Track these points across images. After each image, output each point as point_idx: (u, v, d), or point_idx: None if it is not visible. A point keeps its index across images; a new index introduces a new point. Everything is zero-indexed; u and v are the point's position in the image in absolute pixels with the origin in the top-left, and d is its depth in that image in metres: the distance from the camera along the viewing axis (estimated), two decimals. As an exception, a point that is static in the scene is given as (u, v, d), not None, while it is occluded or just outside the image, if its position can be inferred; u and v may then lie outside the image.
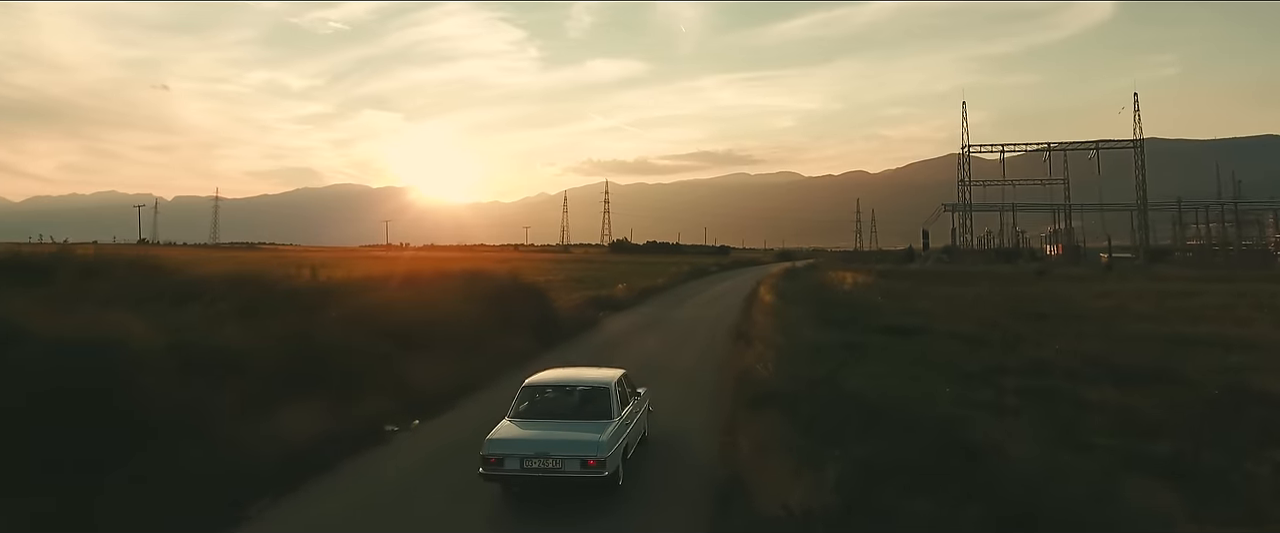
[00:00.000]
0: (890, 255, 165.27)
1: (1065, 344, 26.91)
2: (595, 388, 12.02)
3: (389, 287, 22.46)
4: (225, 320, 15.41)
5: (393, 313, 19.25)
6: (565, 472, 10.53)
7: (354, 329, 17.38)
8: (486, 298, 23.21)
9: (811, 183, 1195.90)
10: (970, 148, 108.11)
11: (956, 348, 26.42)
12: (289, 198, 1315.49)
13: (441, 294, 22.38)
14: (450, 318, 20.80)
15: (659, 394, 15.53)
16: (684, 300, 42.99)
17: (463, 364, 18.69)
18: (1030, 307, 40.73)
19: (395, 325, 18.48)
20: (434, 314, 20.36)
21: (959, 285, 57.44)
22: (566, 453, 10.54)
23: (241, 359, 13.70)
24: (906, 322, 32.79)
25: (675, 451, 13.61)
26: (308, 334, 15.83)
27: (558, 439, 10.78)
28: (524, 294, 25.34)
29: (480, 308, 22.43)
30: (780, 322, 28.95)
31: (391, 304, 20.01)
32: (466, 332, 20.77)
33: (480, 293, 23.21)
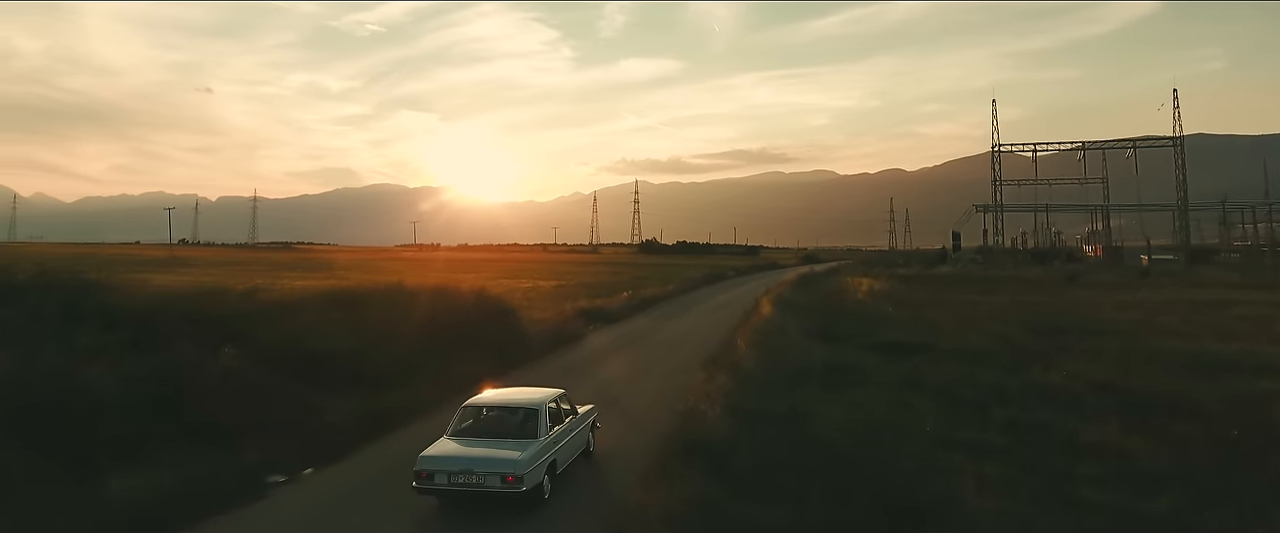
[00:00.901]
0: (923, 256, 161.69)
1: (1076, 366, 24.71)
2: (523, 409, 12.87)
3: (327, 307, 20.87)
4: (103, 355, 13.98)
5: (320, 338, 17.73)
6: (487, 487, 11.37)
7: (266, 360, 15.88)
8: (442, 318, 21.59)
9: (847, 181, 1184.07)
10: (1001, 147, 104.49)
11: (957, 369, 24.33)
12: (328, 198, 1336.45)
13: (391, 315, 20.81)
14: (392, 342, 19.24)
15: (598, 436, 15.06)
16: (684, 311, 41.19)
17: (395, 396, 17.12)
18: (1049, 319, 38.27)
19: (316, 354, 16.97)
20: (371, 339, 18.82)
21: (982, 292, 54.90)
22: (488, 470, 11.40)
23: (99, 404, 12.23)
24: (911, 337, 30.67)
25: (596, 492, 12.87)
26: (200, 369, 14.34)
27: (481, 457, 11.64)
28: (489, 313, 23.68)
29: (432, 330, 20.83)
30: (769, 341, 27.06)
31: (321, 327, 18.48)
32: (412, 357, 19.20)
33: (434, 313, 21.59)
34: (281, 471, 13.20)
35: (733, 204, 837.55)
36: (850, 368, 24.09)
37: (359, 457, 14.36)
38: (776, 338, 27.95)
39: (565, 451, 13.06)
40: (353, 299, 21.75)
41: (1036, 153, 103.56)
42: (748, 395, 17.70)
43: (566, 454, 13.12)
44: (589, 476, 13.74)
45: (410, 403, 17.21)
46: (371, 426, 15.43)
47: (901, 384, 22.01)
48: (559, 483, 12.63)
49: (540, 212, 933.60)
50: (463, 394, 18.71)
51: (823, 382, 21.86)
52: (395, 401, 16.86)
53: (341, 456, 14.20)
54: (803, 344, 27.58)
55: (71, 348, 14.54)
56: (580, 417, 14.20)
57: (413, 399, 17.45)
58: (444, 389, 18.53)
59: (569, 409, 13.77)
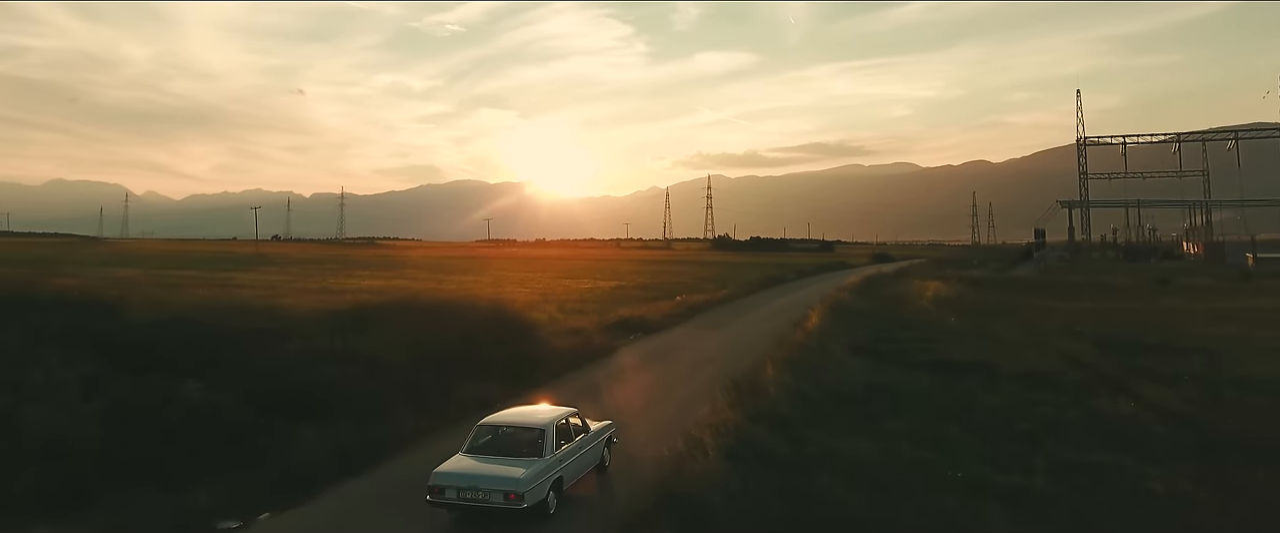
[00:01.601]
0: (1006, 253, 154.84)
1: (1152, 392, 22.13)
2: (530, 429, 13.38)
3: (327, 329, 19.98)
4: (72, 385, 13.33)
5: (310, 364, 16.85)
6: (491, 503, 12.07)
7: (246, 390, 15.05)
8: (451, 337, 20.53)
9: (928, 174, 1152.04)
10: (1088, 140, 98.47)
11: (1013, 395, 22.08)
12: (413, 194, 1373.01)
13: (394, 336, 19.82)
14: (390, 366, 18.26)
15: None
16: (731, 319, 39.45)
17: (381, 427, 16.09)
18: (1130, 332, 35.12)
19: (304, 382, 16.06)
20: (368, 362, 17.87)
21: (1060, 298, 51.35)
22: (492, 487, 12.09)
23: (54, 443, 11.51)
24: (968, 354, 28.33)
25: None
26: (164, 401, 13.56)
27: (487, 474, 12.31)
28: (503, 329, 22.52)
29: (438, 351, 19.79)
30: (807, 359, 25.23)
31: (312, 352, 17.59)
32: (411, 382, 18.20)
33: (442, 331, 20.54)
34: (236, 515, 12.30)
35: (810, 198, 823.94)
36: (892, 392, 22.12)
37: (325, 499, 13.34)
38: (816, 355, 26.09)
39: (574, 467, 13.71)
40: (357, 318, 20.81)
41: (1126, 145, 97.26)
42: (761, 431, 16.08)
43: (575, 471, 13.77)
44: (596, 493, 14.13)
45: (397, 434, 16.17)
46: (346, 462, 14.39)
47: (945, 413, 19.98)
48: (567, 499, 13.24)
49: (617, 206, 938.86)
50: (457, 425, 17.70)
51: (857, 409, 20.04)
52: (379, 433, 15.83)
53: (306, 497, 13.20)
54: (844, 363, 25.67)
55: (47, 378, 13.99)
56: (594, 433, 14.76)
57: (400, 430, 16.42)
58: (437, 418, 17.49)
59: (581, 427, 14.37)
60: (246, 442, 13.90)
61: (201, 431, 13.47)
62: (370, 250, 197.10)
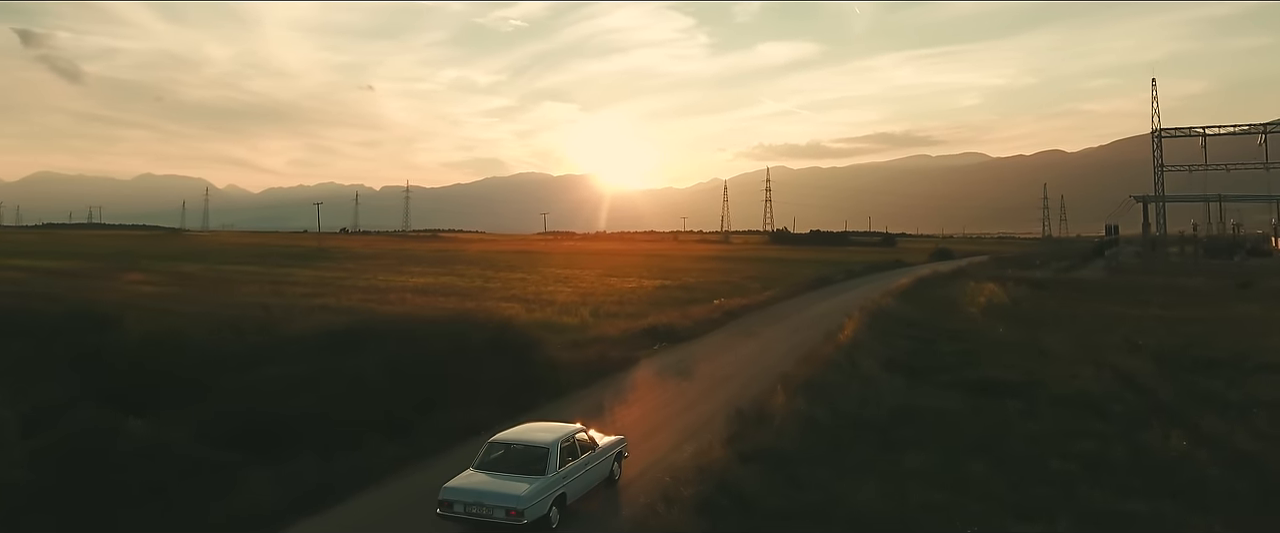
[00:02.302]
0: (1078, 247, 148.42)
1: (1214, 425, 19.88)
2: (536, 447, 13.80)
3: (314, 350, 19.12)
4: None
5: (284, 393, 15.99)
6: (494, 518, 12.60)
7: (207, 423, 14.27)
8: (445, 358, 19.51)
9: (999, 164, 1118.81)
10: (1163, 131, 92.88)
11: (1054, 424, 20.12)
12: (478, 187, 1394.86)
13: (381, 358, 18.86)
14: (376, 391, 17.32)
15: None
16: (765, 326, 37.77)
17: (348, 462, 15.14)
18: (1201, 345, 32.34)
19: (272, 413, 15.21)
20: (347, 388, 16.97)
21: (1127, 302, 48.15)
22: (495, 503, 12.62)
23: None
24: (1013, 371, 26.27)
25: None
26: (111, 437, 12.83)
27: (490, 491, 12.85)
28: (503, 348, 21.36)
29: (428, 374, 18.81)
30: (833, 378, 23.60)
31: (283, 380, 16.70)
32: (395, 409, 17.25)
33: (434, 352, 19.52)
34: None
35: (874, 190, 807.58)
36: (920, 418, 20.38)
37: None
38: (844, 373, 24.40)
39: (579, 483, 14.14)
40: (344, 340, 19.90)
41: (1206, 136, 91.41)
42: (751, 473, 14.63)
43: (581, 486, 14.21)
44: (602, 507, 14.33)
45: (370, 467, 15.23)
46: (298, 505, 13.47)
47: (974, 446, 18.21)
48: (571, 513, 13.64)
49: (678, 198, 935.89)
50: (438, 455, 16.70)
51: (876, 439, 18.42)
52: (349, 466, 14.90)
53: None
54: (874, 381, 23.91)
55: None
56: (601, 450, 15.09)
57: (376, 461, 15.49)
58: (417, 448, 16.52)
59: (588, 443, 14.74)
60: (196, 480, 13.09)
61: (148, 469, 12.69)
62: (430, 244, 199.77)
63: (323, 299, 50.38)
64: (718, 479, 13.95)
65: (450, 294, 54.77)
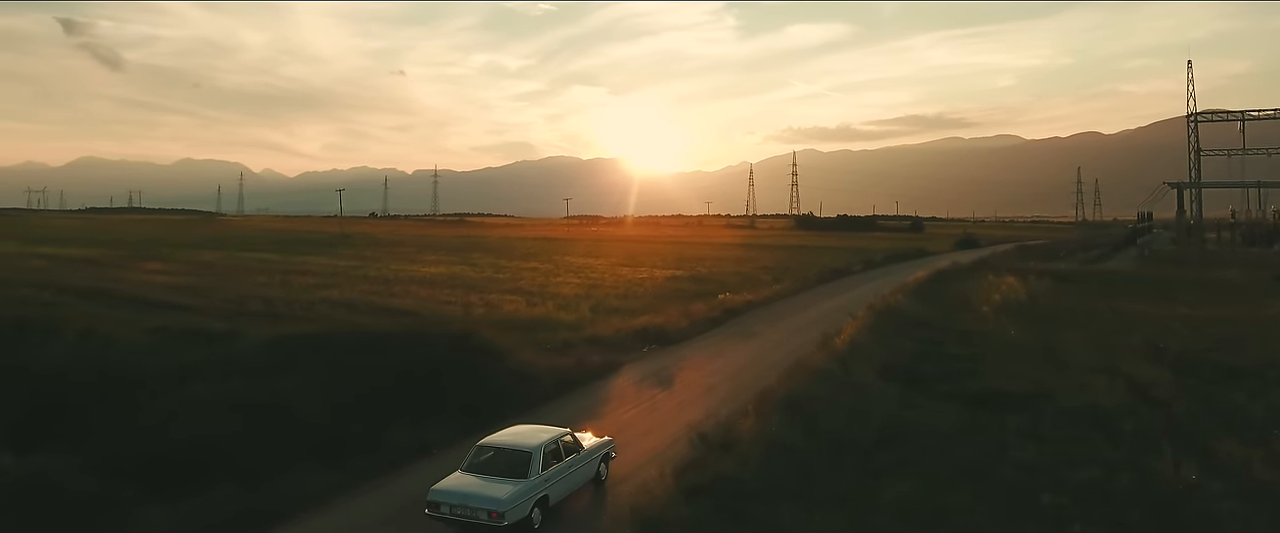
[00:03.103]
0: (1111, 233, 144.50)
1: (1231, 449, 18.13)
2: (520, 451, 14.22)
3: (241, 366, 17.97)
4: None
5: (201, 415, 14.87)
6: (477, 519, 13.10)
7: (111, 452, 13.21)
8: (396, 371, 18.30)
9: (1033, 147, 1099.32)
10: (1199, 115, 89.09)
11: (1056, 445, 18.52)
12: (508, 170, 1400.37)
13: (323, 374, 17.67)
14: (314, 411, 16.20)
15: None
16: (766, 326, 36.22)
17: (281, 489, 14.05)
18: (1228, 349, 30.35)
19: (188, 438, 14.11)
20: (280, 408, 15.84)
21: (1153, 298, 45.87)
22: (478, 505, 13.10)
23: None
24: (1020, 380, 24.59)
25: None
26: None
27: (474, 493, 13.33)
28: (464, 362, 19.99)
29: (376, 388, 17.65)
30: (823, 390, 22.13)
31: (209, 401, 15.56)
32: (334, 428, 16.13)
33: (384, 366, 18.31)
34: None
35: (906, 173, 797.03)
36: (910, 437, 18.90)
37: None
38: (834, 384, 22.91)
39: (564, 485, 14.65)
40: (302, 348, 18.72)
41: (1244, 120, 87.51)
42: (698, 513, 13.29)
43: (565, 488, 14.72)
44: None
45: (295, 498, 14.11)
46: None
47: (965, 471, 16.72)
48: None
49: (708, 182, 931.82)
50: (380, 481, 15.58)
51: (856, 465, 16.96)
52: (271, 498, 13.78)
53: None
54: (866, 393, 22.40)
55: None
56: (587, 452, 15.55)
57: (308, 490, 14.37)
58: (356, 473, 15.41)
59: (573, 446, 15.18)
60: (78, 520, 12.01)
61: (21, 510, 11.62)
62: (455, 229, 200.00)
63: (327, 291, 49.81)
64: (650, 523, 12.63)
65: (457, 286, 54.02)
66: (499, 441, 14.72)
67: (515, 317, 39.74)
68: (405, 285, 54.34)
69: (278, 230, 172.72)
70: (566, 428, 15.64)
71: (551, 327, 35.98)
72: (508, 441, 14.68)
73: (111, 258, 78.38)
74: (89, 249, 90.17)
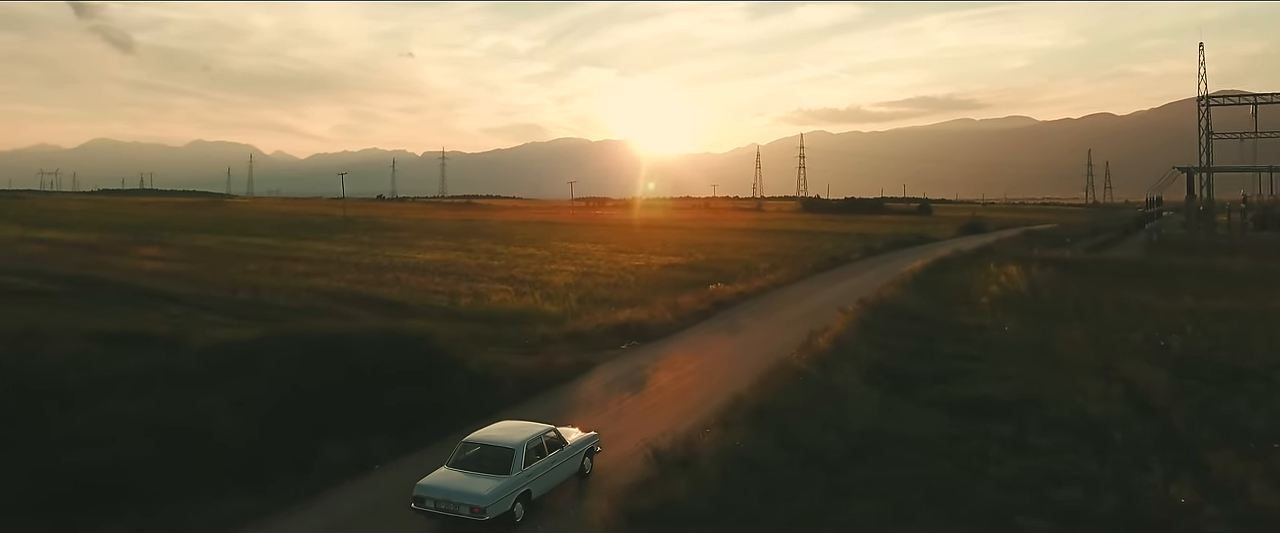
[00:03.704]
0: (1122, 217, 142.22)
1: (1227, 465, 16.95)
2: (503, 448, 14.55)
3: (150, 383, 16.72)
4: None
5: (95, 441, 13.69)
6: (460, 514, 13.49)
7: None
8: (330, 381, 17.13)
9: (1045, 128, 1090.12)
10: (1210, 99, 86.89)
11: (1039, 461, 17.39)
12: (518, 152, 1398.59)
13: (249, 387, 16.50)
14: (222, 430, 15.09)
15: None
16: (754, 321, 35.04)
17: (190, 518, 13.05)
18: (1231, 348, 29.07)
19: (89, 461, 13.08)
20: (199, 426, 14.80)
21: (1159, 290, 44.40)
22: (460, 501, 13.51)
23: None
24: (1010, 385, 23.42)
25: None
26: None
27: (457, 489, 13.67)
28: (416, 369, 18.81)
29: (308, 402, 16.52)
30: (799, 396, 21.06)
31: (110, 421, 14.35)
32: (253, 447, 15.03)
33: (332, 371, 17.25)
34: None
35: (915, 155, 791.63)
36: (888, 450, 17.80)
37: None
38: (814, 389, 21.83)
39: (547, 480, 15.07)
40: (244, 357, 17.59)
41: (1257, 103, 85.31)
42: None
43: (548, 482, 15.13)
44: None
45: (209, 525, 13.14)
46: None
47: (937, 492, 15.64)
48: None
49: (717, 164, 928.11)
50: (306, 502, 14.50)
51: (822, 484, 15.89)
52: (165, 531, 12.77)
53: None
54: (846, 398, 21.32)
55: None
56: (571, 447, 15.93)
57: (219, 516, 13.39)
58: (281, 494, 14.42)
59: (557, 441, 15.57)
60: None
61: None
62: (460, 212, 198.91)
63: (317, 280, 49.04)
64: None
65: (449, 274, 53.20)
66: (483, 437, 15.05)
67: (501, 308, 38.82)
68: (397, 273, 53.54)
69: (283, 214, 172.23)
70: (550, 424, 15.95)
71: (534, 319, 35.02)
72: (492, 437, 15.00)
73: (111, 243, 77.98)
74: (91, 234, 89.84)
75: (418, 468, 16.59)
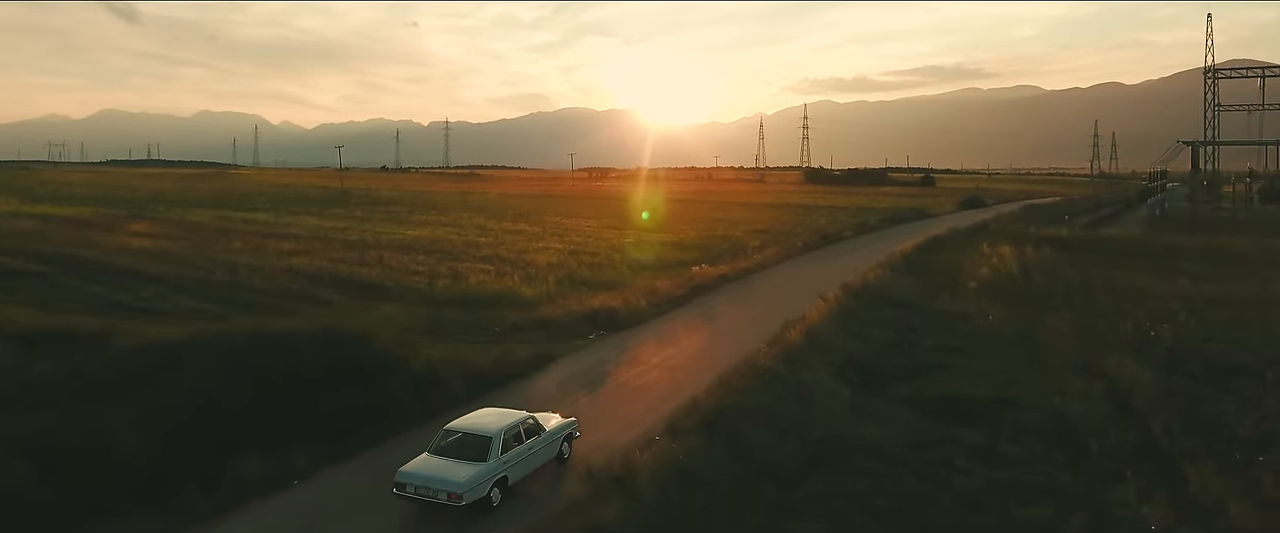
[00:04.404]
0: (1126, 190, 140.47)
1: (1207, 479, 15.86)
2: (481, 435, 15.04)
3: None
4: None
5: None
6: (438, 500, 14.10)
7: None
8: (260, 392, 16.04)
9: (1053, 97, 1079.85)
10: (1217, 72, 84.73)
11: (1007, 473, 16.34)
12: (523, 122, 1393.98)
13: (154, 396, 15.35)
14: (134, 445, 14.03)
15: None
16: (732, 307, 33.89)
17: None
18: (1225, 339, 27.91)
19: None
20: (96, 440, 13.72)
21: (1156, 271, 43.15)
22: (438, 487, 14.12)
23: None
24: (987, 382, 22.34)
25: None
26: None
27: (437, 475, 14.29)
28: (350, 373, 17.59)
29: (220, 412, 15.43)
30: (763, 394, 20.01)
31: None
32: (151, 466, 13.98)
33: (254, 376, 16.16)
34: None
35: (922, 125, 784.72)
36: (849, 459, 16.75)
37: None
38: (780, 387, 20.78)
39: (523, 466, 15.53)
40: (143, 366, 16.50)
41: (1264, 76, 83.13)
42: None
43: (525, 468, 15.61)
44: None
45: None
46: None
47: (892, 511, 14.61)
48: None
49: (723, 134, 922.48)
50: (207, 526, 13.52)
51: (775, 500, 14.88)
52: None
53: None
54: (812, 398, 20.29)
55: None
56: (549, 434, 16.44)
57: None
58: (185, 515, 13.39)
59: (535, 428, 16.08)
60: None
61: None
62: (459, 184, 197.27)
63: (298, 259, 48.19)
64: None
65: (434, 252, 52.27)
66: (463, 425, 15.50)
67: (477, 291, 37.88)
68: (381, 251, 52.59)
69: (282, 186, 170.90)
70: (526, 412, 16.36)
71: (508, 303, 34.08)
72: (470, 425, 15.47)
73: (103, 219, 77.26)
74: (86, 209, 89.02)
75: (345, 480, 15.69)
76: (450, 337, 28.09)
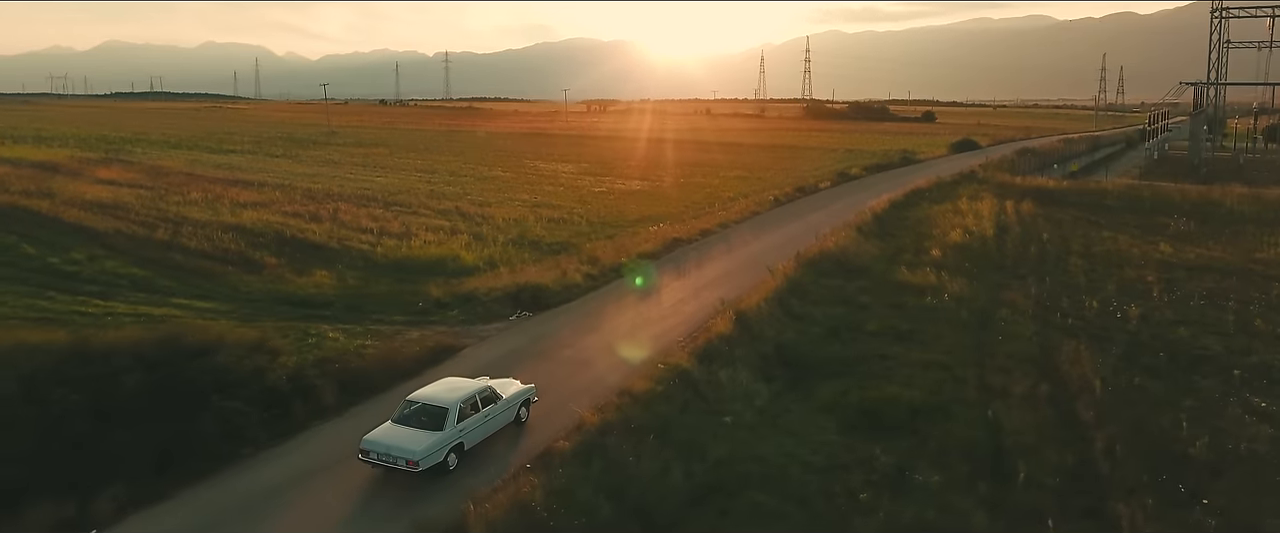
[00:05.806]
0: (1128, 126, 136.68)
1: (1142, 523, 13.91)
2: (439, 406, 16.02)
3: None
4: None
5: None
6: (398, 466, 15.11)
7: None
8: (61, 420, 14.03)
9: (1065, 28, 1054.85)
10: (1225, 9, 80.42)
11: (926, 504, 14.41)
12: (529, 52, 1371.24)
13: None
14: None
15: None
16: (678, 277, 31.55)
17: None
18: (1199, 320, 25.76)
19: None
20: None
21: (1139, 230, 40.89)
22: (397, 454, 15.12)
23: None
24: (922, 382, 20.27)
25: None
26: None
27: (394, 444, 15.28)
28: (190, 386, 15.42)
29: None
30: (663, 406, 18.02)
31: None
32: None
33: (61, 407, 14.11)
34: None
35: (930, 58, 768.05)
36: (746, 489, 14.79)
37: None
38: (690, 393, 18.78)
39: (480, 431, 16.52)
40: None
41: (1275, 15, 78.93)
42: None
43: (481, 434, 16.58)
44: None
45: None
46: None
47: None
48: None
49: (731, 64, 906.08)
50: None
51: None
52: None
53: None
54: (728, 403, 18.34)
55: None
56: (506, 400, 17.35)
57: None
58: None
59: (492, 397, 16.97)
60: None
61: None
62: (452, 120, 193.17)
63: (250, 213, 46.22)
64: None
65: (393, 205, 50.04)
66: (422, 396, 16.34)
67: (419, 255, 35.88)
68: (339, 204, 50.36)
69: (273, 123, 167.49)
70: (486, 381, 17.43)
71: (445, 271, 32.18)
72: (429, 396, 16.29)
73: (73, 163, 74.61)
74: (63, 151, 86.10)
75: (157, 525, 13.83)
76: (367, 315, 26.22)
